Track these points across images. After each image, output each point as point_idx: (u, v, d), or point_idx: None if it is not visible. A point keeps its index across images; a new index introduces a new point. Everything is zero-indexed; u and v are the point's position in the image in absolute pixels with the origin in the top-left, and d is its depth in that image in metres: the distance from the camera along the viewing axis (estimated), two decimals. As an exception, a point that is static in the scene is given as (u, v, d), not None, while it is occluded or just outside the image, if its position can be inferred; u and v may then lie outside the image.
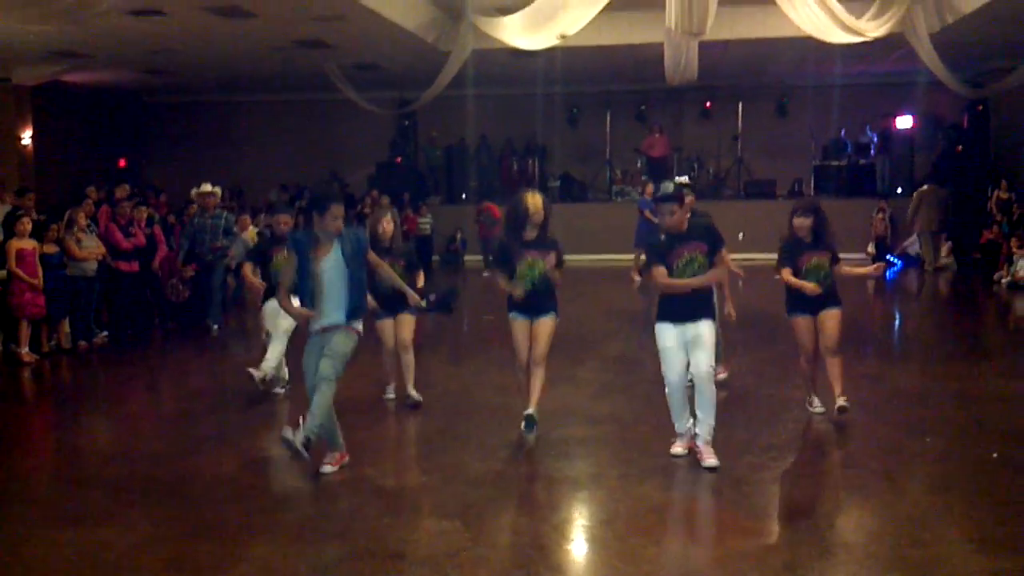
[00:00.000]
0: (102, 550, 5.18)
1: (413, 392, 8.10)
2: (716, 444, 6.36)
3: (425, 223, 20.44)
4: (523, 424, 7.12)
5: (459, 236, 21.58)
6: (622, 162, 23.20)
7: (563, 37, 14.71)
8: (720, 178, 23.01)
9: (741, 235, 17.08)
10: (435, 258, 21.09)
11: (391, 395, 8.36)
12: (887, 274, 14.57)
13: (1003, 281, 15.93)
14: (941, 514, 5.48)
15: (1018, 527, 5.23)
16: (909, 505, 5.64)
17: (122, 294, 12.29)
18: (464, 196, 23.17)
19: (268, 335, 8.64)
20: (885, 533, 5.22)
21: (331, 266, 6.10)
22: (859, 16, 14.78)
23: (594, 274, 17.92)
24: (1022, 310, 14.03)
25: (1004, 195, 18.49)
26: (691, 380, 6.44)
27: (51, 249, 11.07)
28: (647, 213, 15.29)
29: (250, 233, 14.20)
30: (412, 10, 15.76)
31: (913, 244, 19.91)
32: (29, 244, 10.80)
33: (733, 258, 8.37)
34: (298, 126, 24.45)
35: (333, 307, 6.13)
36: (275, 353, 8.51)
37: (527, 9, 14.29)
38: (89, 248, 11.50)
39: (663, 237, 6.46)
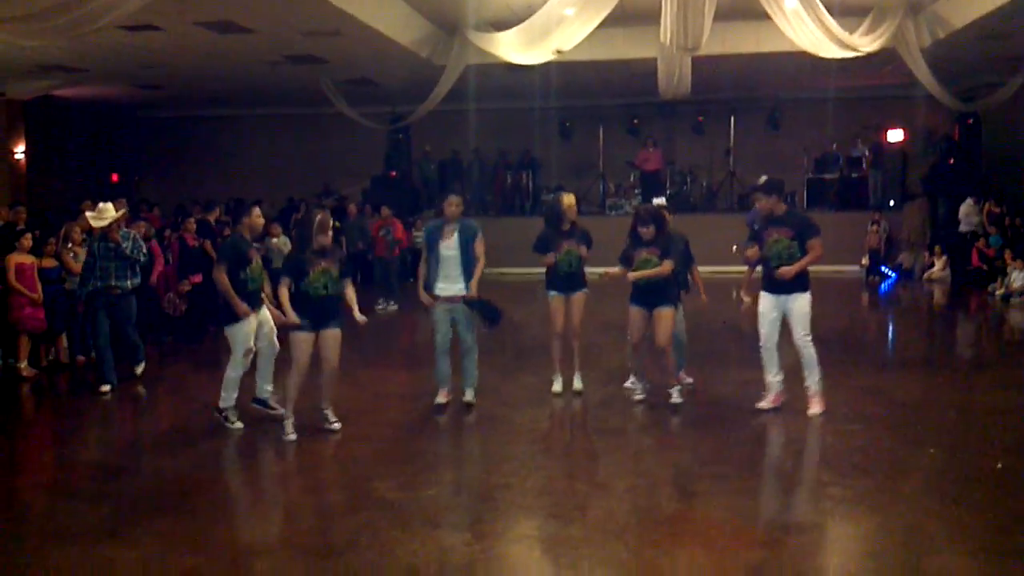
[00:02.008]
0: (107, 567, 5.16)
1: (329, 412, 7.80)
2: (722, 453, 6.36)
3: (419, 236, 20.42)
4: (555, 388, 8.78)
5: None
6: (615, 176, 23.28)
7: (558, 52, 14.77)
8: (713, 191, 23.11)
9: (735, 247, 17.12)
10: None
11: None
12: (883, 286, 14.60)
13: (997, 293, 16.02)
14: (946, 525, 5.49)
15: (1023, 537, 5.26)
16: (914, 516, 5.65)
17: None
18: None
19: (255, 353, 8.14)
20: (891, 544, 5.24)
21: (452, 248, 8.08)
22: (852, 31, 14.89)
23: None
24: (1017, 322, 14.09)
25: (994, 208, 18.66)
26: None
27: (49, 263, 11.04)
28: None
29: (280, 240, 14.32)
30: (407, 25, 15.82)
31: (906, 258, 20.03)
32: (28, 259, 10.77)
33: (726, 270, 8.67)
34: (292, 140, 24.50)
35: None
36: (263, 374, 8.24)
37: (522, 25, 14.35)
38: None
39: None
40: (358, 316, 7.65)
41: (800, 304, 7.75)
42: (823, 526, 5.52)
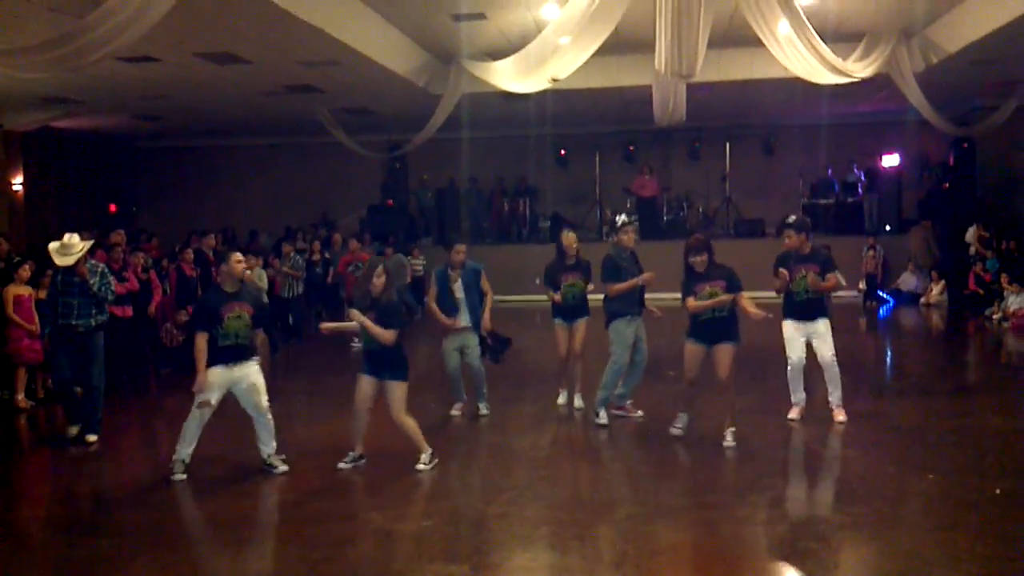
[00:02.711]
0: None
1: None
2: (720, 481, 6.35)
3: (418, 264, 20.45)
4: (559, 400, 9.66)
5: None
6: (612, 202, 23.31)
7: (554, 80, 14.83)
8: (710, 218, 23.15)
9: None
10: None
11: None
12: (881, 311, 14.61)
13: (995, 317, 16.03)
14: (945, 551, 5.48)
15: (1025, 563, 5.24)
16: (914, 542, 5.64)
17: (116, 339, 12.22)
18: (456, 238, 23.21)
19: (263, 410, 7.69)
20: (890, 570, 5.22)
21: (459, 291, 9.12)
22: (845, 57, 14.97)
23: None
24: (1014, 346, 14.10)
25: (984, 233, 18.77)
26: None
27: (45, 295, 11.03)
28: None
29: (256, 273, 13.82)
30: (403, 55, 15.91)
31: (906, 281, 20.04)
32: (26, 291, 10.79)
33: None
34: (289, 169, 24.58)
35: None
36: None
37: (518, 54, 14.40)
38: (83, 294, 11.45)
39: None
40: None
41: (823, 328, 8.69)
42: (822, 553, 5.50)
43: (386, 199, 23.18)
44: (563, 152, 24.02)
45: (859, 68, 15.06)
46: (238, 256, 7.65)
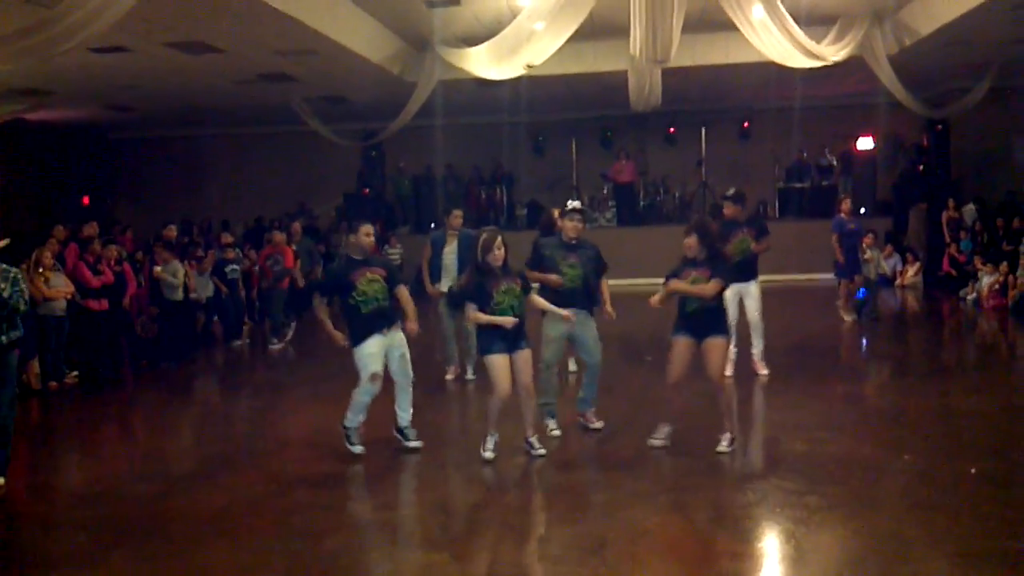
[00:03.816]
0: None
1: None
2: (698, 464, 6.38)
3: (395, 253, 20.41)
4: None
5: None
6: (589, 188, 23.33)
7: (529, 67, 14.82)
8: (686, 202, 23.19)
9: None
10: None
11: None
12: (858, 293, 14.71)
13: (968, 298, 16.15)
14: (923, 531, 5.53)
15: (1002, 541, 5.30)
16: (892, 523, 5.68)
17: (92, 333, 12.16)
18: (433, 225, 23.20)
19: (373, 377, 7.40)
20: (870, 552, 5.26)
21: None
22: (819, 40, 15.03)
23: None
24: (988, 327, 14.22)
25: (953, 214, 18.91)
26: None
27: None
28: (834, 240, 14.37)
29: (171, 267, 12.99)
30: (378, 43, 15.83)
31: (882, 264, 20.12)
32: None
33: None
34: (265, 159, 24.44)
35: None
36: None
37: (493, 40, 14.38)
38: (57, 287, 11.38)
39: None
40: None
41: (754, 289, 9.82)
42: (800, 534, 5.54)
43: (363, 187, 23.12)
44: (540, 138, 24.01)
45: (832, 51, 15.14)
46: (367, 228, 7.54)
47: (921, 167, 21.54)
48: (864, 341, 13.14)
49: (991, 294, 15.34)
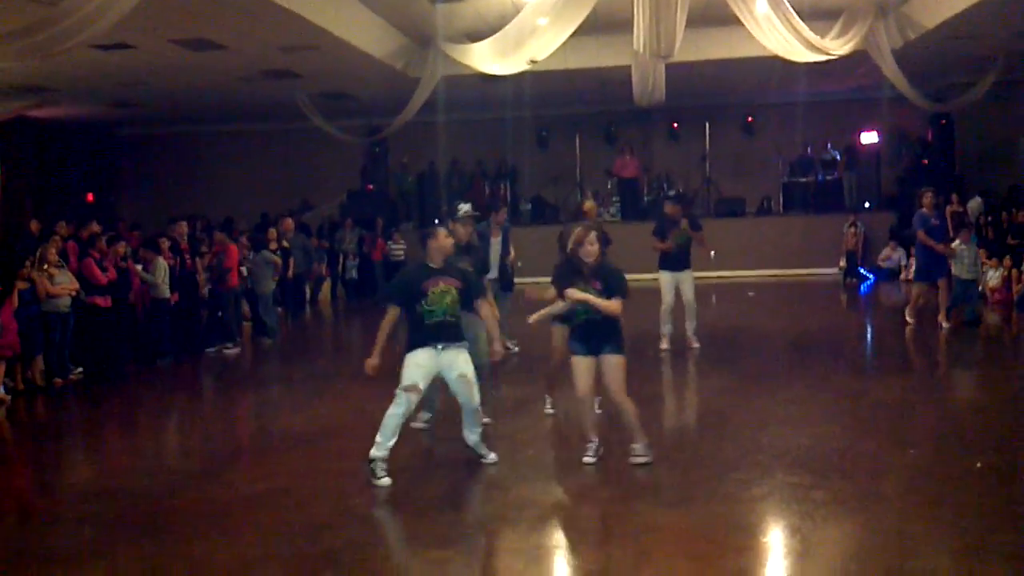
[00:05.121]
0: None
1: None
2: (704, 460, 6.37)
3: (398, 249, 20.42)
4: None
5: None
6: (593, 184, 23.33)
7: (533, 62, 14.81)
8: (690, 198, 23.15)
9: (713, 253, 17.22)
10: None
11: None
12: (862, 288, 14.68)
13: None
14: (928, 526, 5.52)
15: (1008, 534, 5.28)
16: (897, 518, 5.67)
17: (96, 329, 12.17)
18: (437, 221, 23.17)
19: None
20: (876, 546, 5.25)
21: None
22: (823, 35, 14.99)
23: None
24: (992, 321, 14.18)
25: (957, 208, 18.85)
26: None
27: (23, 285, 10.95)
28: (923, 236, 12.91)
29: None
30: (381, 38, 15.83)
31: (888, 259, 20.11)
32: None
33: (706, 275, 8.55)
34: (268, 156, 24.45)
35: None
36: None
37: (496, 35, 14.37)
38: (62, 284, 11.39)
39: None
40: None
41: (688, 276, 11.45)
42: (805, 529, 5.53)
43: (366, 184, 23.13)
44: (543, 134, 23.99)
45: (836, 45, 15.09)
46: (445, 231, 7.08)
47: (925, 161, 21.50)
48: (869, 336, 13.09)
49: (996, 288, 15.29)
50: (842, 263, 20.19)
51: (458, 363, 6.77)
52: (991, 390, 9.29)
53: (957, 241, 13.38)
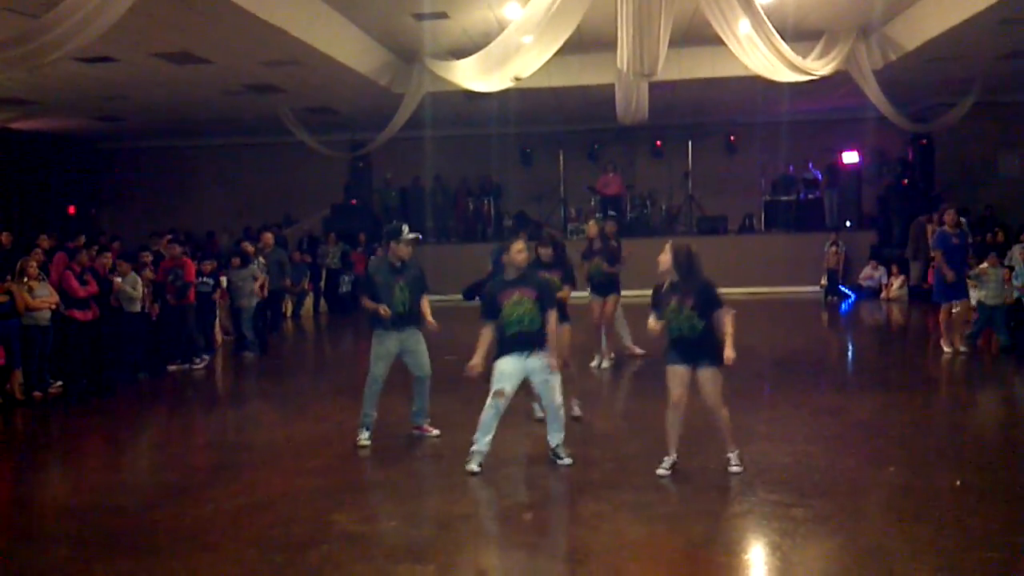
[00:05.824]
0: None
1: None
2: (685, 476, 6.38)
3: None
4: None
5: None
6: (576, 201, 23.41)
7: (517, 79, 14.86)
8: (672, 215, 23.29)
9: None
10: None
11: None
12: (842, 306, 14.75)
13: (953, 312, 16.16)
14: (908, 543, 5.53)
15: (985, 553, 5.31)
16: (876, 536, 5.69)
17: (76, 343, 12.09)
18: (420, 237, 23.17)
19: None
20: (854, 565, 5.26)
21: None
22: (805, 55, 15.12)
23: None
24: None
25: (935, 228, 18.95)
26: None
27: (2, 299, 10.89)
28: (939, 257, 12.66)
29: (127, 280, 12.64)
30: (365, 54, 15.86)
31: (869, 278, 20.23)
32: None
33: None
34: (251, 170, 24.44)
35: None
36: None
37: (481, 52, 14.42)
38: (42, 297, 11.33)
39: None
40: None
41: (613, 298, 11.75)
42: (785, 547, 5.54)
43: (350, 199, 23.12)
44: (527, 151, 24.07)
45: (819, 66, 15.23)
46: (519, 245, 7.40)
47: (906, 181, 21.66)
48: (849, 353, 13.12)
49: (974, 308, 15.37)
50: (823, 281, 20.29)
51: (540, 369, 7.30)
52: (972, 409, 9.34)
53: (985, 264, 13.00)
